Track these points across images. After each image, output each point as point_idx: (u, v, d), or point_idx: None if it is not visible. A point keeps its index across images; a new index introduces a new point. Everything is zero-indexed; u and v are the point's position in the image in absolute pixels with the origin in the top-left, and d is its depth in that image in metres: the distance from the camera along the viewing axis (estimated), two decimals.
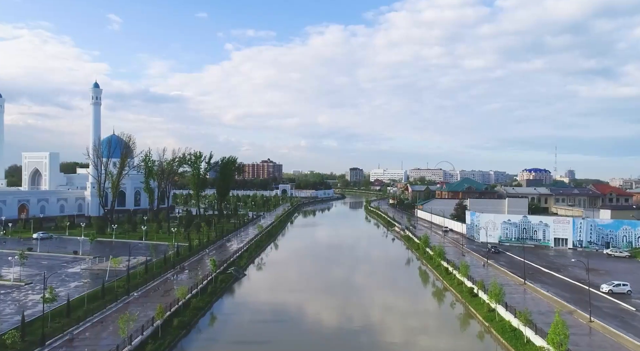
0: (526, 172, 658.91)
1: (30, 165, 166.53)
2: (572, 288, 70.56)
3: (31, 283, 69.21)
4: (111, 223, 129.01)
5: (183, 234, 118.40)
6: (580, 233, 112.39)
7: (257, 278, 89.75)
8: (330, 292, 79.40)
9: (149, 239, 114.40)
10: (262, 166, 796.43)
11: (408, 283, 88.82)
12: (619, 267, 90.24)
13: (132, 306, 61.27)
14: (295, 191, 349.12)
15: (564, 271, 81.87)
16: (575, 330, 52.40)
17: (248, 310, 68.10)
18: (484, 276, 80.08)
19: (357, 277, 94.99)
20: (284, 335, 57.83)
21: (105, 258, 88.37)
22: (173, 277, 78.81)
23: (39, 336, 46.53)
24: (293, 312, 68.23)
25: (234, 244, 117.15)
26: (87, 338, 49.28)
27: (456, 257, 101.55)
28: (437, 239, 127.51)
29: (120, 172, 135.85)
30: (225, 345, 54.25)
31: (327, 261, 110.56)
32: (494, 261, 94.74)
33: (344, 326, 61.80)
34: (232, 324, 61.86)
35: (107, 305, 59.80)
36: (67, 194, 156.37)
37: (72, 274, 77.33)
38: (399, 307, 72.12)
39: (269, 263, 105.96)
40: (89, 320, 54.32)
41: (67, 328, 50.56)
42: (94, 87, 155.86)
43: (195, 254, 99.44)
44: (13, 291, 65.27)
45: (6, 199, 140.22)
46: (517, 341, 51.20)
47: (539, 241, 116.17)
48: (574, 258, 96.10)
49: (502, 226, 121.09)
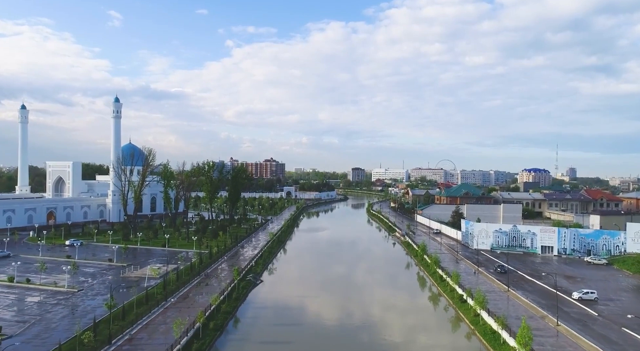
0: (526, 173, 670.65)
1: (54, 173, 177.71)
2: (549, 295, 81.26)
3: (82, 290, 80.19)
4: (134, 230, 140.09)
5: (203, 241, 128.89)
6: (565, 241, 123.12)
7: (273, 284, 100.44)
8: (338, 296, 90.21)
9: (170, 246, 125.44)
10: (265, 165, 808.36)
11: (407, 289, 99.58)
12: (595, 274, 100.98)
13: (171, 310, 72.13)
14: (299, 192, 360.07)
15: (544, 278, 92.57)
16: (543, 332, 63.41)
17: (268, 313, 79.04)
18: (474, 283, 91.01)
19: (361, 283, 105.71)
20: (302, 335, 68.73)
21: (140, 266, 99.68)
22: (201, 284, 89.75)
23: (106, 336, 57.55)
24: (307, 314, 79.12)
25: (248, 251, 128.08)
26: (143, 338, 60.22)
27: (451, 263, 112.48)
28: (435, 246, 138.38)
29: (141, 183, 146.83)
30: (252, 345, 65.02)
31: (333, 266, 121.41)
32: (484, 268, 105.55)
33: (350, 325, 72.56)
34: (256, 326, 72.70)
35: (151, 309, 70.74)
36: (90, 202, 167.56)
37: (113, 281, 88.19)
38: (399, 310, 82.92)
39: (281, 269, 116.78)
40: (139, 323, 65.31)
41: (126, 329, 61.60)
42: (115, 101, 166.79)
43: (215, 262, 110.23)
44: (70, 297, 76.24)
45: (36, 207, 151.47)
46: (495, 342, 62.03)
47: (527, 248, 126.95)
48: (557, 264, 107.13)
49: (494, 234, 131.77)
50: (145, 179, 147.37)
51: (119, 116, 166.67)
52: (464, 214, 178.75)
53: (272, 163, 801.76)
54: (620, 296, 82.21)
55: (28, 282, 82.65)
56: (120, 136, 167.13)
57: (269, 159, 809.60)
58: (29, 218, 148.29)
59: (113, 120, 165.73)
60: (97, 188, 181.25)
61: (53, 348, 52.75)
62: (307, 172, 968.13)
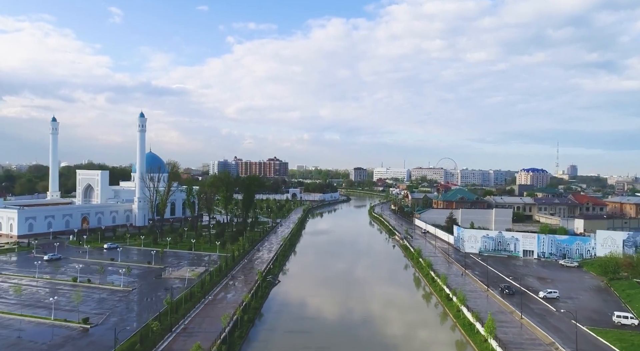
0: (524, 173, 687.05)
1: (83, 181, 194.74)
2: (520, 293, 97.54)
3: (135, 289, 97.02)
4: (160, 235, 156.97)
5: (224, 245, 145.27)
6: (543, 246, 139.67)
7: (289, 284, 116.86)
8: (346, 293, 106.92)
9: (196, 250, 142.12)
10: (269, 164, 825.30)
11: (404, 287, 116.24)
12: (565, 276, 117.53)
13: (209, 306, 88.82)
14: (304, 194, 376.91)
15: (520, 280, 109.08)
16: (509, 324, 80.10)
17: (288, 309, 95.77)
18: (461, 284, 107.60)
19: (365, 282, 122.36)
20: (317, 326, 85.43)
21: (174, 267, 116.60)
22: (229, 284, 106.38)
23: (167, 325, 74.23)
24: (320, 309, 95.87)
25: (264, 254, 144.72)
26: (194, 327, 76.96)
27: (443, 266, 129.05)
28: (430, 249, 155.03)
29: (167, 192, 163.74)
30: (279, 333, 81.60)
31: (340, 268, 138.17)
32: (470, 271, 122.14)
33: (355, 318, 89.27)
34: (279, 319, 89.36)
35: (195, 305, 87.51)
36: (118, 207, 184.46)
37: (157, 281, 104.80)
38: (397, 305, 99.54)
39: (294, 270, 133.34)
40: (188, 316, 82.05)
41: (180, 321, 78.37)
42: (140, 116, 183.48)
43: (237, 264, 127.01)
44: (127, 294, 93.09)
45: (72, 213, 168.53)
46: (471, 332, 78.61)
47: (511, 252, 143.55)
48: (535, 267, 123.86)
49: (482, 239, 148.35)
50: (170, 190, 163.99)
51: (144, 130, 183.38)
52: (457, 219, 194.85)
53: (276, 162, 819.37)
54: (580, 295, 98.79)
55: (89, 282, 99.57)
56: (144, 148, 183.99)
57: (272, 158, 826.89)
58: (66, 223, 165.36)
59: (138, 134, 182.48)
60: (122, 194, 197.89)
61: (133, 334, 69.49)
62: (310, 171, 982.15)
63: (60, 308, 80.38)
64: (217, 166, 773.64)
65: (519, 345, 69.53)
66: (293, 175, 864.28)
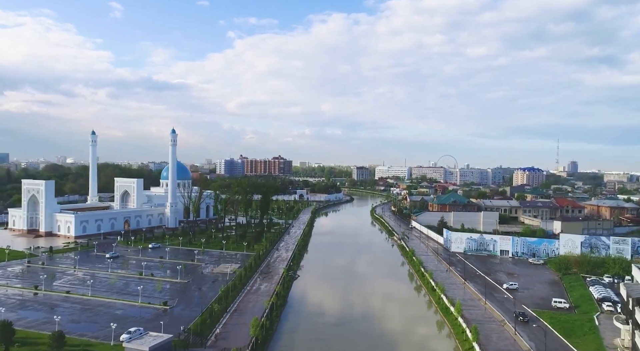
0: (520, 172, 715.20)
1: (121, 188, 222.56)
2: (489, 285, 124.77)
3: (189, 281, 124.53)
4: (194, 236, 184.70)
5: (250, 245, 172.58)
6: (517, 246, 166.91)
7: (307, 277, 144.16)
8: (352, 285, 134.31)
9: (226, 249, 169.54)
10: (273, 162, 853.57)
11: (400, 280, 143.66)
12: (530, 272, 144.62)
13: (248, 295, 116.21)
14: (311, 195, 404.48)
15: (492, 275, 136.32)
16: (475, 308, 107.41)
17: (308, 297, 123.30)
18: (445, 278, 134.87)
19: (368, 276, 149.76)
20: (334, 308, 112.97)
21: (212, 264, 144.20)
22: (259, 278, 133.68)
23: (224, 306, 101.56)
24: (333, 297, 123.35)
25: (282, 253, 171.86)
26: (242, 308, 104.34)
27: (432, 263, 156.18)
28: (423, 249, 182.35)
29: (199, 197, 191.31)
30: (304, 315, 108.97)
31: (347, 263, 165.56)
32: (454, 267, 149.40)
33: (360, 304, 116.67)
34: (302, 304, 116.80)
35: (238, 294, 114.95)
36: (153, 211, 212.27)
37: (204, 275, 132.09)
38: (392, 294, 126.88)
39: (309, 266, 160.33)
40: (235, 301, 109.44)
41: (231, 304, 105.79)
42: (172, 132, 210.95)
43: (263, 261, 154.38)
44: (185, 285, 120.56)
45: (116, 217, 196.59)
46: (446, 313, 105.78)
47: (491, 251, 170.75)
48: (508, 264, 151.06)
49: (466, 241, 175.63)
50: (201, 197, 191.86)
51: (175, 144, 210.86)
52: (450, 221, 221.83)
53: (280, 160, 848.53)
54: (535, 286, 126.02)
55: (152, 275, 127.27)
56: (175, 160, 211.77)
57: (277, 157, 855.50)
58: (112, 225, 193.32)
59: (170, 148, 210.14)
60: (154, 199, 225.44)
61: (201, 312, 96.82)
62: (313, 168, 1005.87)
63: (138, 294, 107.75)
64: (223, 164, 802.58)
65: (479, 322, 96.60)
66: (297, 172, 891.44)
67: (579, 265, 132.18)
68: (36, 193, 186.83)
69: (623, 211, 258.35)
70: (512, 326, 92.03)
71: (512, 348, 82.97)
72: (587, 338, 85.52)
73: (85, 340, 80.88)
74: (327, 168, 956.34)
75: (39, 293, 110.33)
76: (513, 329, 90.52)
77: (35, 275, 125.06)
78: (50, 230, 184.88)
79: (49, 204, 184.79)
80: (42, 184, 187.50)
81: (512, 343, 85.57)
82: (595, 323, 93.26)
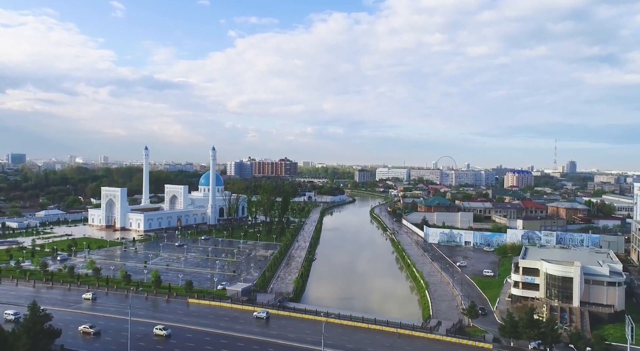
0: (511, 174, 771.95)
1: (170, 192, 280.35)
2: (449, 264, 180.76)
3: (243, 260, 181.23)
4: (232, 230, 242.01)
5: (276, 237, 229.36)
6: (477, 238, 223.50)
7: (322, 259, 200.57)
8: (354, 264, 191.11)
9: (260, 240, 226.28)
10: (280, 164, 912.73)
11: (388, 262, 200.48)
12: (481, 256, 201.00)
13: (283, 270, 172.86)
14: (318, 196, 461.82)
15: (453, 258, 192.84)
16: (434, 277, 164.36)
17: (324, 271, 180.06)
18: (419, 259, 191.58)
19: (365, 258, 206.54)
20: (344, 275, 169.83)
21: (254, 251, 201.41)
22: (289, 259, 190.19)
23: (271, 274, 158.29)
24: (341, 271, 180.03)
25: (301, 243, 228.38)
26: (282, 276, 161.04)
27: (413, 251, 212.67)
28: (408, 241, 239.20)
29: (237, 201, 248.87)
30: (322, 283, 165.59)
31: (351, 250, 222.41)
32: (428, 253, 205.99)
33: (359, 277, 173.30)
34: (321, 276, 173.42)
35: (277, 269, 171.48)
36: (197, 211, 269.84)
37: (251, 257, 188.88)
38: (382, 270, 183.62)
39: (322, 252, 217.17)
40: (276, 273, 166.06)
41: (274, 274, 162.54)
42: (212, 150, 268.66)
43: (288, 249, 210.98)
44: (240, 263, 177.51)
45: (172, 216, 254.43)
46: (416, 280, 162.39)
47: (458, 242, 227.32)
48: (468, 252, 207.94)
49: (440, 234, 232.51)
50: (238, 201, 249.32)
51: (214, 159, 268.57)
52: (434, 220, 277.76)
53: (286, 162, 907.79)
54: (479, 264, 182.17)
55: (216, 256, 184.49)
56: (215, 172, 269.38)
57: (283, 159, 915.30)
58: (169, 222, 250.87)
59: (211, 161, 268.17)
60: (196, 202, 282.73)
61: (257, 277, 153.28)
62: (317, 168, 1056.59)
63: (215, 267, 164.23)
64: (233, 166, 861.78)
65: (434, 284, 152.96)
66: (301, 173, 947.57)
67: (512, 250, 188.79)
68: (113, 197, 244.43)
69: (576, 211, 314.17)
70: (452, 284, 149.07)
71: (448, 294, 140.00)
72: (493, 290, 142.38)
73: (200, 287, 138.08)
74: (330, 169, 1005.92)
75: (147, 266, 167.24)
76: (452, 285, 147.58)
77: (133, 256, 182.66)
78: (124, 226, 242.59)
79: (123, 206, 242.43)
80: (118, 191, 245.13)
81: (449, 291, 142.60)
82: (503, 283, 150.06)
